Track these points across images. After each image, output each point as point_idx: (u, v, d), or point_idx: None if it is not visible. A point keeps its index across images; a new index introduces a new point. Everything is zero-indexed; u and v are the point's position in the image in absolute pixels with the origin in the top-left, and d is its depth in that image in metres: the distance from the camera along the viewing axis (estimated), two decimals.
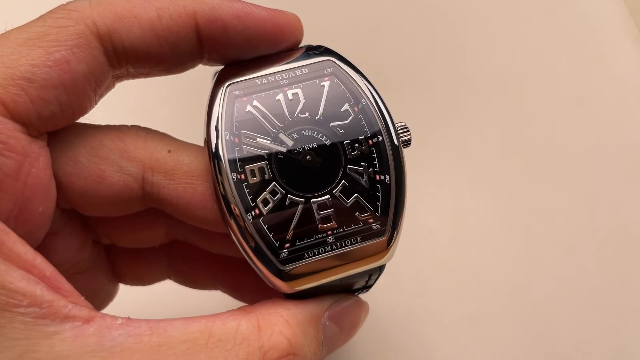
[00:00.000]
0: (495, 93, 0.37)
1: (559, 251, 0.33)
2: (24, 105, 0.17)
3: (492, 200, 0.34)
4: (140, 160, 0.20)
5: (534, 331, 0.31)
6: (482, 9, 0.40)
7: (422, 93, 0.37)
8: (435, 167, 0.35)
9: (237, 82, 0.20)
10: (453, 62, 0.38)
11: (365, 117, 0.20)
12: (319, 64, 0.21)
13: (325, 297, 0.21)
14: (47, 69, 0.17)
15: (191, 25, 0.19)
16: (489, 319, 0.31)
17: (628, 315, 0.32)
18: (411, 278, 0.32)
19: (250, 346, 0.17)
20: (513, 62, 0.38)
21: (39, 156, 0.18)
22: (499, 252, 0.33)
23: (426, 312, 0.31)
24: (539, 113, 0.37)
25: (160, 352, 0.16)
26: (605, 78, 0.38)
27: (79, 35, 0.18)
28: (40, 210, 0.18)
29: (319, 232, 0.19)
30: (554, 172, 0.35)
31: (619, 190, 0.35)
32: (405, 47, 0.38)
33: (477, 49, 0.39)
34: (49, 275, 0.16)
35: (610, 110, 0.37)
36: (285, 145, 0.20)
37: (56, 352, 0.15)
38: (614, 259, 0.33)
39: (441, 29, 0.39)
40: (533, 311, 0.31)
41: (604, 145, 0.36)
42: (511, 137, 0.36)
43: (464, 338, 0.31)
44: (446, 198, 0.34)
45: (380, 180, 0.20)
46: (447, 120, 0.36)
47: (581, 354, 0.31)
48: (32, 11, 0.19)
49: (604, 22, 0.40)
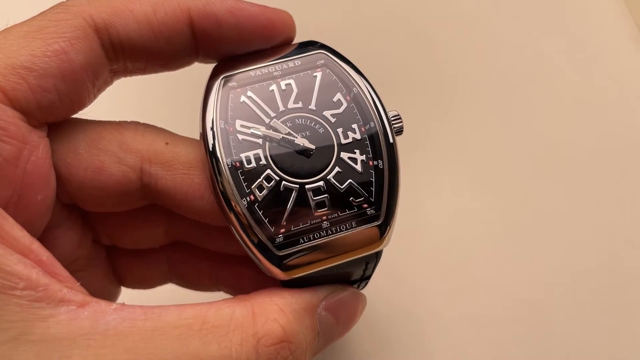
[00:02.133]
0: (495, 93, 0.37)
1: (559, 251, 0.33)
2: (24, 93, 0.17)
3: (492, 200, 0.34)
4: (139, 152, 0.20)
5: (534, 331, 0.31)
6: (481, 9, 0.40)
7: (422, 93, 0.37)
8: (436, 167, 0.35)
9: (232, 75, 0.21)
10: (452, 62, 0.38)
11: (358, 105, 0.21)
12: (311, 57, 0.21)
13: (322, 287, 0.21)
14: (46, 58, 0.18)
15: (185, 20, 0.20)
16: (488, 319, 0.31)
17: (628, 315, 0.31)
18: (411, 278, 0.32)
19: (244, 333, 0.17)
20: (513, 62, 0.38)
21: (38, 145, 0.18)
22: (499, 252, 0.33)
23: (426, 312, 0.31)
24: (539, 113, 0.37)
25: (154, 337, 0.16)
26: (605, 78, 0.38)
27: (76, 27, 0.18)
28: (40, 199, 0.19)
29: (314, 217, 0.19)
30: (553, 172, 0.35)
31: (619, 190, 0.34)
32: (405, 46, 0.39)
33: (477, 49, 0.39)
34: (45, 260, 0.17)
35: (610, 110, 0.37)
36: (279, 132, 0.20)
37: (51, 334, 0.15)
38: (614, 258, 0.33)
39: (441, 28, 0.39)
40: (533, 311, 0.31)
41: (604, 145, 0.36)
42: (511, 137, 0.36)
43: (463, 338, 0.31)
44: (446, 198, 0.34)
45: (374, 165, 0.20)
46: (447, 120, 0.36)
47: (581, 354, 0.30)
48: (35, 10, 0.20)
49: (604, 22, 0.40)
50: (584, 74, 0.38)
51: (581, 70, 0.38)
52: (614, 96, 0.38)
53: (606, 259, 0.33)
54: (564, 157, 0.35)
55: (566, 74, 0.38)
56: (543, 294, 0.32)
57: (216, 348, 0.17)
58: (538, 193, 0.34)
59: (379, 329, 0.31)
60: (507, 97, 0.37)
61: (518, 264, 0.32)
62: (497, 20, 0.40)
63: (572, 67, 0.38)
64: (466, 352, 0.30)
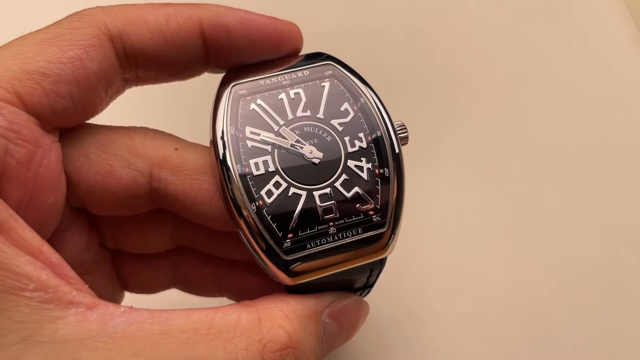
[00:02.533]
0: (495, 93, 0.37)
1: (558, 251, 0.33)
2: (39, 98, 0.18)
3: (493, 200, 0.34)
4: (148, 157, 0.21)
5: (534, 331, 0.31)
6: (481, 10, 0.40)
7: (423, 94, 0.37)
8: (436, 168, 0.35)
9: (242, 83, 0.21)
10: (453, 62, 0.38)
11: (364, 114, 0.21)
12: (319, 67, 0.22)
13: (326, 293, 0.21)
14: (62, 65, 0.18)
15: (197, 30, 0.20)
16: (489, 319, 0.31)
17: (628, 315, 0.31)
18: (411, 278, 0.32)
19: (250, 338, 0.18)
20: (513, 62, 0.39)
21: (50, 149, 0.19)
22: (499, 252, 0.33)
23: (426, 312, 0.31)
24: (539, 113, 0.37)
25: (161, 340, 0.17)
26: (605, 78, 0.38)
27: (91, 36, 0.19)
28: (50, 202, 0.19)
29: (320, 222, 0.20)
30: (553, 172, 0.35)
31: (619, 190, 0.35)
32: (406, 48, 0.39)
33: (477, 50, 0.39)
34: (54, 262, 0.17)
35: (610, 110, 0.37)
36: (288, 140, 0.20)
37: (60, 335, 0.16)
38: (614, 258, 0.33)
39: (441, 30, 0.40)
40: (533, 311, 0.31)
41: (604, 145, 0.36)
42: (511, 137, 0.36)
43: (464, 338, 0.30)
44: (446, 198, 0.34)
45: (380, 173, 0.20)
46: (447, 121, 0.36)
47: (581, 354, 0.30)
48: (51, 19, 0.20)
49: (604, 22, 0.40)
50: (584, 74, 0.38)
51: (581, 70, 0.38)
52: (614, 96, 0.38)
53: (606, 258, 0.33)
54: (564, 157, 0.36)
55: (566, 74, 0.38)
56: (543, 293, 0.32)
57: (222, 353, 0.17)
58: (538, 193, 0.34)
59: (379, 329, 0.31)
60: (508, 97, 0.37)
61: (518, 264, 0.32)
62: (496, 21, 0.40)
63: (572, 67, 0.38)
64: (466, 352, 0.30)
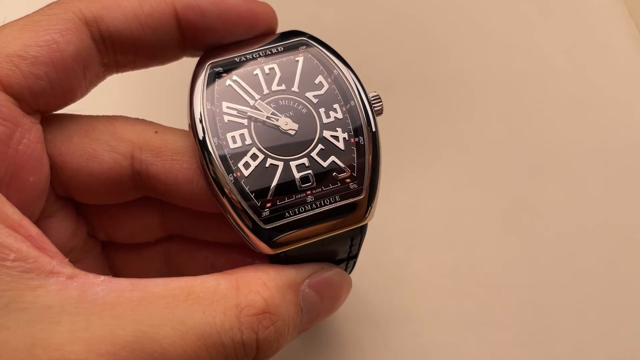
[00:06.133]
0: (495, 93, 0.38)
1: (558, 251, 0.32)
2: (17, 79, 0.19)
3: (492, 200, 0.34)
4: (130, 140, 0.21)
5: (534, 331, 0.30)
6: (481, 9, 0.41)
7: (422, 93, 0.38)
8: (435, 167, 0.35)
9: (218, 61, 0.22)
10: (452, 61, 0.39)
11: (338, 86, 0.22)
12: (293, 42, 0.22)
13: (308, 264, 0.21)
14: (38, 47, 0.19)
15: (170, 11, 0.21)
16: (488, 319, 0.31)
17: (628, 315, 0.31)
18: (411, 278, 0.32)
19: (227, 303, 0.18)
20: (512, 62, 0.39)
21: (30, 129, 0.19)
22: (498, 252, 0.32)
23: (426, 312, 0.31)
24: (539, 113, 0.37)
25: (141, 306, 0.17)
26: (605, 78, 0.38)
27: (67, 20, 0.20)
28: (32, 180, 0.19)
29: (298, 191, 0.20)
30: (553, 172, 0.35)
31: (619, 190, 0.34)
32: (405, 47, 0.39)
33: (477, 49, 0.39)
34: (34, 235, 0.17)
35: (610, 110, 0.37)
36: (263, 113, 0.21)
37: (40, 302, 0.16)
38: (614, 258, 0.32)
39: (440, 28, 0.40)
40: (533, 311, 0.31)
41: (604, 145, 0.36)
42: (511, 137, 0.36)
43: (463, 338, 0.30)
44: (446, 198, 0.34)
45: (355, 142, 0.21)
46: (447, 120, 0.36)
47: (581, 354, 0.30)
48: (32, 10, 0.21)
49: (603, 22, 0.40)
50: (583, 74, 0.38)
51: (581, 70, 0.38)
52: (614, 96, 0.38)
53: (606, 259, 0.32)
54: (564, 157, 0.35)
55: (566, 74, 0.38)
56: (543, 293, 0.31)
57: (201, 316, 0.17)
58: (538, 193, 0.34)
59: (379, 329, 0.31)
60: (507, 96, 0.37)
61: (518, 264, 0.32)
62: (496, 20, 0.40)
63: (571, 67, 0.38)
64: (466, 352, 0.30)
